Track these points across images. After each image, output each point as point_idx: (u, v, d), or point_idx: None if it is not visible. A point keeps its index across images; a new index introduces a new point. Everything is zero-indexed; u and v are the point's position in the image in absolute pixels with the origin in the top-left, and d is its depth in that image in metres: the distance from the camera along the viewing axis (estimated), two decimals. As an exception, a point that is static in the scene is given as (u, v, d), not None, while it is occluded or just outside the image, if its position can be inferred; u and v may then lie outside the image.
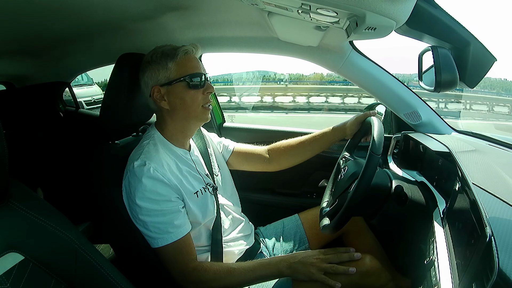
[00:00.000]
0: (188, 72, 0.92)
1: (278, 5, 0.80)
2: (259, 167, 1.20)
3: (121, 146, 1.04)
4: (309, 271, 0.87)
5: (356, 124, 1.05)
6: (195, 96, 0.93)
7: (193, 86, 0.92)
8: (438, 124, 1.23)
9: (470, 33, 0.88)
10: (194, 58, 0.95)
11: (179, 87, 0.92)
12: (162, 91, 0.92)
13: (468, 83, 0.91)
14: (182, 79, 0.91)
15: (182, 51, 0.92)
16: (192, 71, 0.92)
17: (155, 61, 0.92)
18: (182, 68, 0.91)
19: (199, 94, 0.93)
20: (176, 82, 0.91)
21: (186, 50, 0.92)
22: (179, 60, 0.91)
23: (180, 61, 0.91)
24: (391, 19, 0.68)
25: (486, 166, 0.80)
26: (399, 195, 0.86)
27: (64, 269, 0.64)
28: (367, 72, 1.21)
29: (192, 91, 0.92)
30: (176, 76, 0.91)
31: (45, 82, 1.74)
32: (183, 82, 0.91)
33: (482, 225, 0.51)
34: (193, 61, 0.94)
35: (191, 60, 0.93)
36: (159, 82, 0.92)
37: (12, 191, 0.62)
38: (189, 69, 0.92)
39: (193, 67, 0.93)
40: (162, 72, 0.91)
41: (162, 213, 0.86)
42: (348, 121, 1.08)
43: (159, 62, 0.91)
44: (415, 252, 0.83)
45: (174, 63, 0.91)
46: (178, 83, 0.91)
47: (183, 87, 0.92)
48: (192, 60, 0.94)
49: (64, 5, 0.91)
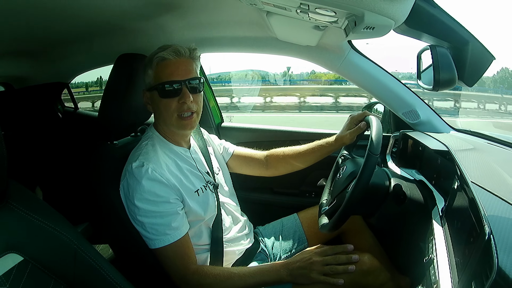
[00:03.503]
0: (162, 80, 0.89)
1: (277, 5, 0.80)
2: (257, 171, 1.21)
3: (120, 146, 1.04)
4: (309, 276, 0.88)
5: (352, 126, 1.05)
6: (167, 105, 0.90)
7: (165, 94, 0.90)
8: (437, 123, 1.23)
9: (469, 32, 0.89)
10: (172, 64, 0.90)
11: (155, 95, 0.92)
12: (147, 95, 0.94)
13: (467, 82, 0.91)
14: (155, 87, 0.90)
15: (157, 58, 0.90)
16: (166, 78, 0.89)
17: (145, 65, 0.93)
18: (157, 76, 0.91)
19: (173, 103, 0.90)
20: (153, 90, 0.92)
21: (161, 56, 0.89)
22: (156, 68, 0.91)
23: (157, 68, 0.91)
24: (390, 19, 0.68)
25: (484, 165, 0.80)
26: (397, 194, 0.86)
27: (63, 270, 0.63)
28: (365, 71, 1.22)
29: (165, 99, 0.90)
30: (153, 83, 0.91)
31: (43, 83, 1.74)
32: (156, 90, 0.90)
33: (481, 223, 0.50)
34: (168, 68, 0.89)
35: (166, 67, 0.89)
36: (146, 86, 0.94)
37: (11, 192, 0.62)
38: (163, 76, 0.89)
39: (168, 74, 0.89)
40: (147, 78, 0.93)
41: (160, 215, 0.86)
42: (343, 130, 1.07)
43: (145, 67, 0.93)
44: (414, 250, 0.83)
45: (152, 70, 0.91)
46: (154, 91, 0.91)
47: (157, 95, 0.91)
48: (168, 67, 0.89)
49: (63, 6, 0.91)
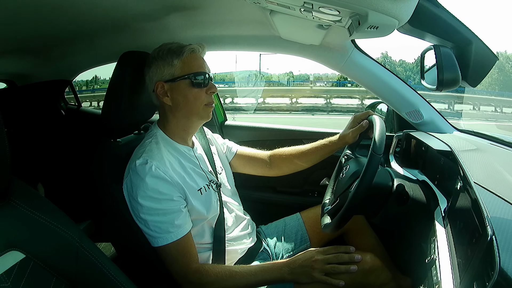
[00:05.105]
0: (193, 71, 0.93)
1: (281, 4, 0.80)
2: (260, 171, 1.22)
3: (123, 144, 1.04)
4: (310, 275, 0.88)
5: (355, 125, 1.05)
6: (198, 94, 0.94)
7: (197, 84, 0.93)
8: (440, 123, 1.23)
9: (472, 32, 0.88)
10: (200, 57, 0.96)
11: (183, 85, 0.93)
12: (166, 87, 0.93)
13: (470, 82, 0.91)
14: (186, 76, 0.92)
15: (188, 49, 0.93)
16: (197, 69, 0.93)
17: (161, 57, 0.93)
18: (187, 66, 0.93)
19: (202, 93, 0.94)
20: (180, 80, 0.92)
21: (192, 48, 0.94)
22: (185, 58, 0.93)
23: (186, 59, 0.93)
24: (394, 18, 0.68)
25: (487, 165, 0.79)
26: (400, 194, 0.85)
27: (65, 268, 0.63)
28: (369, 70, 1.21)
29: (195, 89, 0.93)
30: (181, 73, 0.92)
31: (47, 80, 1.74)
32: (187, 80, 0.92)
33: (484, 224, 0.50)
34: (198, 60, 0.95)
35: (196, 58, 0.95)
36: (163, 78, 0.93)
37: (13, 189, 0.62)
38: (194, 67, 0.93)
39: (198, 66, 0.94)
40: (167, 69, 0.93)
41: (163, 213, 0.87)
42: (346, 129, 1.08)
43: (164, 58, 0.93)
44: (416, 251, 0.83)
45: (179, 61, 0.92)
46: (182, 81, 0.92)
47: (186, 84, 0.93)
48: (198, 59, 0.95)
49: (66, 3, 0.91)
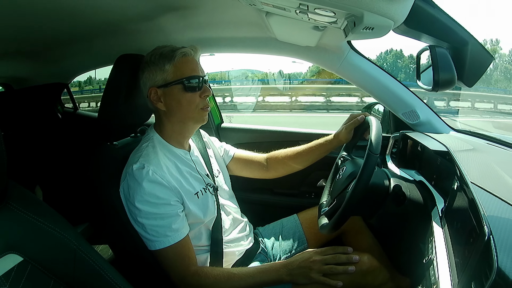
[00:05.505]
0: (185, 75, 0.91)
1: (276, 6, 0.80)
2: (257, 174, 1.22)
3: (120, 147, 1.04)
4: (308, 276, 0.88)
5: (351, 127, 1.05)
6: (191, 99, 0.92)
7: (190, 88, 0.91)
8: (436, 123, 1.23)
9: (468, 32, 0.89)
10: (193, 60, 0.94)
11: (176, 90, 0.91)
12: (159, 92, 0.92)
13: (466, 82, 0.91)
14: (179, 81, 0.91)
15: (179, 53, 0.91)
16: (189, 73, 0.92)
17: (153, 62, 0.91)
18: (179, 71, 0.91)
19: (196, 97, 0.93)
20: (173, 85, 0.91)
21: (184, 52, 0.92)
22: (177, 62, 0.91)
23: (178, 63, 0.91)
24: (389, 19, 0.68)
25: (484, 165, 0.80)
26: (397, 195, 0.86)
27: (63, 270, 0.63)
28: (365, 71, 1.22)
29: (189, 94, 0.92)
30: (173, 78, 0.91)
31: (43, 84, 1.73)
32: (179, 84, 0.91)
33: (481, 224, 0.50)
34: (191, 64, 0.93)
35: (188, 62, 0.93)
36: (156, 83, 0.92)
37: (11, 193, 0.62)
38: (186, 71, 0.91)
39: (191, 69, 0.92)
40: (159, 74, 0.91)
41: (161, 217, 0.86)
42: (343, 128, 1.08)
43: (157, 63, 0.91)
44: (414, 251, 0.83)
45: (171, 65, 0.91)
46: (175, 86, 0.91)
47: (179, 89, 0.91)
48: (190, 62, 0.93)
49: (63, 6, 0.91)
